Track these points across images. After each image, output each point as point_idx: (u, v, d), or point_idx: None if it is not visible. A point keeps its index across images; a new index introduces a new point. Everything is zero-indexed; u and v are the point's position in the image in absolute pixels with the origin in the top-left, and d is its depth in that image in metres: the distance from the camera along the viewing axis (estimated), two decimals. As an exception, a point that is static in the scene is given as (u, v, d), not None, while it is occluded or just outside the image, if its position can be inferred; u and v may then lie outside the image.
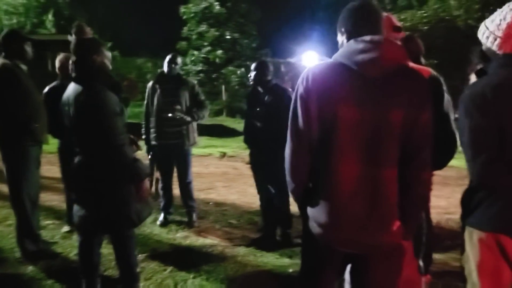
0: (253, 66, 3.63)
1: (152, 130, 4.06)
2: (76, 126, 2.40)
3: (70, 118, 2.39)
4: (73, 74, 2.37)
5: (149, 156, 4.21)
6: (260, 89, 3.59)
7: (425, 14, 14.91)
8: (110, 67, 2.52)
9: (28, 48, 3.25)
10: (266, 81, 3.56)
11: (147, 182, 2.55)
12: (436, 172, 1.90)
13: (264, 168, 3.62)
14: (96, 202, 2.41)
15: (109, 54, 2.50)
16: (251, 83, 3.69)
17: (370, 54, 1.45)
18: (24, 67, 3.21)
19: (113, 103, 2.33)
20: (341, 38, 1.62)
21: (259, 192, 3.80)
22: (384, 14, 1.98)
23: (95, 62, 2.35)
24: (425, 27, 14.02)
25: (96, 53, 2.36)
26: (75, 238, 3.67)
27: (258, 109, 3.55)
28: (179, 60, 4.16)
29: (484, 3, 16.27)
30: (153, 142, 4.07)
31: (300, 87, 1.55)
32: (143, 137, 4.11)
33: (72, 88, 2.39)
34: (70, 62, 2.42)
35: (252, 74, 3.60)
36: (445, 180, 5.96)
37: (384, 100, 1.45)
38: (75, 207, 2.53)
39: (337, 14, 1.67)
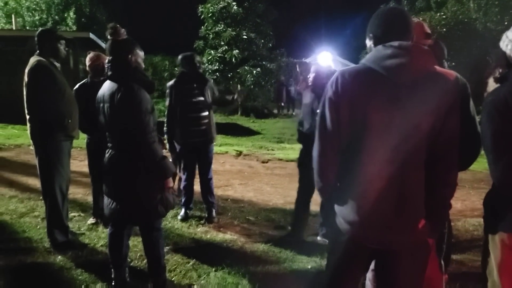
0: (298, 68, 3.82)
1: (176, 129, 4.15)
2: (110, 123, 2.51)
3: (105, 115, 2.51)
4: (109, 73, 2.49)
5: (172, 154, 4.32)
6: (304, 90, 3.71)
7: (443, 16, 14.80)
8: (143, 66, 2.64)
9: (62, 47, 3.38)
10: (308, 82, 3.68)
11: (171, 179, 2.67)
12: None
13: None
14: (126, 195, 2.53)
15: (142, 53, 2.60)
16: (298, 86, 3.85)
17: (398, 60, 1.48)
18: (58, 64, 3.34)
19: (146, 101, 2.45)
20: (369, 43, 1.65)
21: (300, 191, 3.77)
22: (416, 20, 2.02)
23: (130, 61, 2.47)
24: (444, 29, 13.93)
25: (131, 53, 2.47)
26: (101, 230, 3.83)
27: (307, 109, 3.62)
28: (198, 58, 4.23)
29: (503, 6, 16.08)
30: (177, 141, 4.17)
31: (329, 91, 1.57)
32: (165, 135, 4.22)
33: (107, 86, 2.51)
34: (106, 61, 2.54)
35: (301, 78, 3.78)
36: (460, 183, 5.91)
37: (413, 105, 1.48)
38: (106, 200, 2.65)
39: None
